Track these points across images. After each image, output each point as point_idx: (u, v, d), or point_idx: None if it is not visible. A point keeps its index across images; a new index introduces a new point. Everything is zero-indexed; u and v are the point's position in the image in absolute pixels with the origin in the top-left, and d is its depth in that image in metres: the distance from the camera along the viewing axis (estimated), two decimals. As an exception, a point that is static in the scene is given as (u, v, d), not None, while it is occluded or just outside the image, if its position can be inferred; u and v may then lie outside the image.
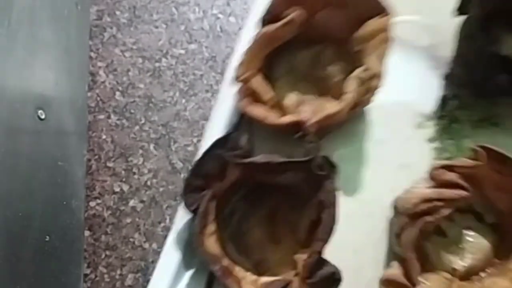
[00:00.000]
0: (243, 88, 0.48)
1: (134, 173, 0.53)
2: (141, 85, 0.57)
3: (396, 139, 0.53)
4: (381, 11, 0.49)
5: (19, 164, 0.43)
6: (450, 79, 0.55)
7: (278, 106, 0.51)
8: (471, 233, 0.48)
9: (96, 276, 0.50)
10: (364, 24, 0.50)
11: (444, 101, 0.55)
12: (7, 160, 0.41)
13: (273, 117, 0.48)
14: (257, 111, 0.48)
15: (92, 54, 0.58)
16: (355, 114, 0.51)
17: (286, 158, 0.44)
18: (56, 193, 0.47)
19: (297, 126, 0.47)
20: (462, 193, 0.44)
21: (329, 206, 0.43)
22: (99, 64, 0.58)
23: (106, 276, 0.50)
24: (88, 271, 0.50)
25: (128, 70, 0.58)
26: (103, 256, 0.51)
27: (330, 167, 0.44)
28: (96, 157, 0.54)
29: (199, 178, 0.44)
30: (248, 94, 0.48)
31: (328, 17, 0.51)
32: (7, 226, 0.40)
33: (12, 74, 0.43)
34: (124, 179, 0.53)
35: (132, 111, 0.56)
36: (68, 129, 0.51)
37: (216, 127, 0.51)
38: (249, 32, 0.53)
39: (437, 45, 0.56)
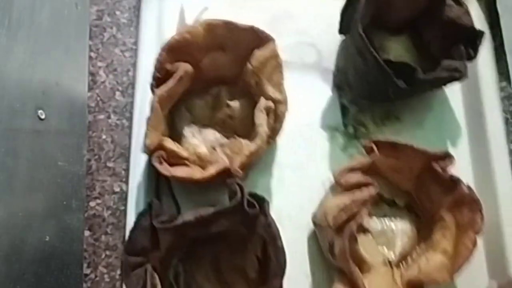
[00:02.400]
0: (157, 154, 0.47)
1: (134, 173, 0.53)
2: (141, 85, 0.57)
3: (312, 158, 0.55)
4: (263, 40, 0.50)
5: (19, 164, 0.43)
6: (346, 90, 0.57)
7: (196, 159, 0.51)
8: (390, 220, 0.51)
9: (96, 276, 0.50)
10: (252, 56, 0.50)
11: (344, 110, 0.57)
12: (7, 160, 0.41)
13: (198, 173, 0.48)
14: (181, 171, 0.48)
15: (92, 54, 0.58)
16: (270, 145, 0.51)
17: (214, 209, 0.43)
18: (56, 193, 0.47)
19: (222, 174, 0.47)
20: (371, 190, 0.46)
21: (273, 239, 0.43)
22: (99, 64, 0.58)
23: (106, 276, 0.50)
24: (88, 271, 0.50)
25: (128, 70, 0.58)
26: (103, 256, 0.51)
27: (259, 201, 0.44)
28: (96, 157, 0.54)
29: (135, 256, 0.44)
30: (165, 158, 0.48)
31: (213, 62, 0.52)
32: (7, 226, 0.40)
33: (12, 74, 0.43)
34: (124, 179, 0.53)
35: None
36: (68, 129, 0.51)
37: (136, 197, 0.51)
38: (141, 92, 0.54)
39: (320, 60, 0.58)
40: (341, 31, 0.56)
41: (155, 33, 0.57)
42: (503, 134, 0.55)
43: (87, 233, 0.51)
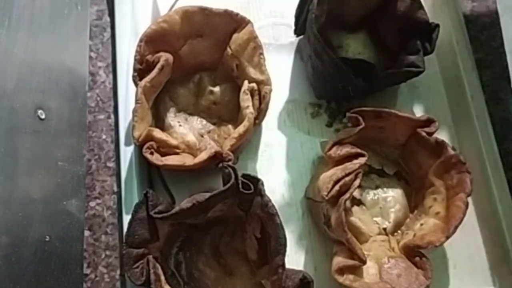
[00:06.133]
0: (148, 146, 0.47)
1: (134, 173, 0.53)
2: (141, 85, 0.57)
3: (299, 136, 0.55)
4: (240, 22, 0.51)
5: (19, 164, 0.43)
6: (316, 94, 0.57)
7: (185, 148, 0.51)
8: (382, 190, 0.52)
9: (96, 276, 0.50)
10: (230, 40, 0.51)
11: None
12: (7, 160, 0.41)
13: (189, 159, 0.48)
14: (173, 159, 0.48)
15: (92, 54, 0.58)
16: (258, 125, 0.52)
17: (209, 193, 0.43)
18: (56, 193, 0.47)
19: (213, 158, 0.47)
20: (362, 160, 0.47)
21: (271, 217, 0.43)
22: (99, 64, 0.58)
23: (106, 276, 0.50)
24: (88, 271, 0.50)
25: (128, 70, 0.58)
26: (103, 256, 0.51)
27: (254, 182, 0.44)
28: (96, 157, 0.54)
29: (135, 248, 0.44)
30: (155, 148, 0.48)
31: (192, 49, 0.52)
32: (7, 226, 0.40)
33: (12, 74, 0.43)
34: (124, 179, 0.53)
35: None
36: (68, 129, 0.51)
37: (130, 189, 0.50)
38: (124, 85, 0.54)
39: (296, 40, 0.59)
40: (296, 32, 0.56)
41: (130, 25, 0.57)
42: (481, 95, 0.55)
43: (87, 233, 0.51)
